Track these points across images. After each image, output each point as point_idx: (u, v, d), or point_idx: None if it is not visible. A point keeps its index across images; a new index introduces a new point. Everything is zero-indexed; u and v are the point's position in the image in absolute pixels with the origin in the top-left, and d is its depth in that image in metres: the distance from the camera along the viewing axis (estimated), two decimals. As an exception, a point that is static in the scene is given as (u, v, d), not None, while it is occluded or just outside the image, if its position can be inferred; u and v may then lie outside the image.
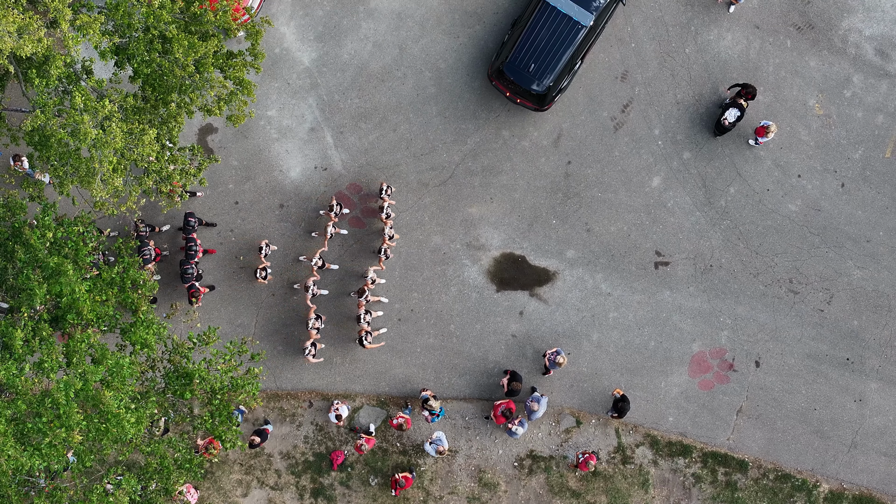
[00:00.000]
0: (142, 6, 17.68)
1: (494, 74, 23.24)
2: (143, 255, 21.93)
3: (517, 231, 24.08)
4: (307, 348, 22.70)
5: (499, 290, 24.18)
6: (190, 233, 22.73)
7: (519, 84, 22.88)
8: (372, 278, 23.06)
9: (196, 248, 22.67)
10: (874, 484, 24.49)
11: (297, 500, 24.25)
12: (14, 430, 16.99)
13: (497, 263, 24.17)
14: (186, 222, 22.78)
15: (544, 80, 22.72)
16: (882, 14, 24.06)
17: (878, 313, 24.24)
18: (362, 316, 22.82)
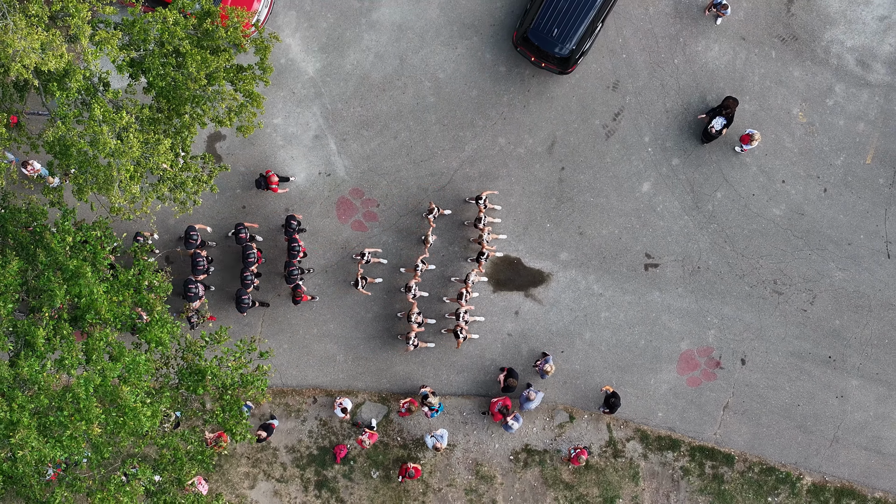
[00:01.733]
0: (157, 23, 18.68)
1: (520, 41, 24.16)
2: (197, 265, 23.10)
3: (513, 234, 25.09)
4: (410, 339, 23.82)
5: (495, 291, 25.19)
6: (292, 234, 23.59)
7: (543, 49, 23.83)
8: (473, 281, 24.09)
9: (299, 248, 23.60)
10: (855, 477, 25.51)
11: (302, 492, 25.28)
12: (37, 423, 18.00)
13: (493, 265, 25.18)
14: (289, 224, 23.68)
15: (567, 44, 23.66)
16: (863, 26, 25.06)
17: (859, 313, 25.25)
18: (461, 315, 23.91)
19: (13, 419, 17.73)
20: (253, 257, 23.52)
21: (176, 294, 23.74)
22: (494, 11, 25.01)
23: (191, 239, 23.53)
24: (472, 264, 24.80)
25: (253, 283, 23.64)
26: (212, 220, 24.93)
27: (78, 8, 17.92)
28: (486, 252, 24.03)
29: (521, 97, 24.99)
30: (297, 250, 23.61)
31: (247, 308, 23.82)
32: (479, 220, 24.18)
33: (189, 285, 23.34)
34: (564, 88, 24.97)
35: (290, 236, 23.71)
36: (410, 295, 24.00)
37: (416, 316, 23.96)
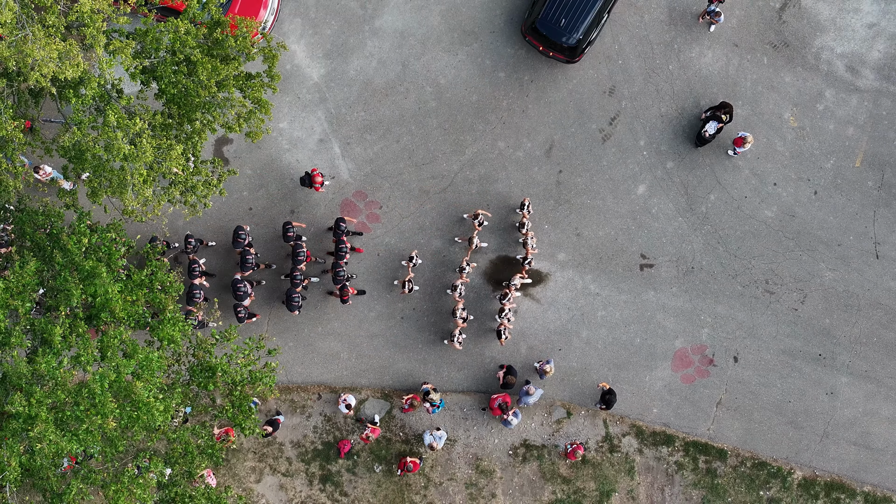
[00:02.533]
0: (169, 32, 19.39)
1: (528, 31, 24.86)
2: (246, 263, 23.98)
3: (512, 236, 25.78)
4: (455, 335, 24.59)
5: (495, 291, 25.90)
6: (341, 235, 24.30)
7: (551, 38, 24.52)
8: (516, 284, 24.84)
9: (346, 249, 24.33)
10: (844, 471, 26.23)
11: (307, 485, 26.00)
12: (54, 418, 18.70)
13: (493, 266, 25.89)
14: (338, 226, 24.39)
15: (574, 34, 24.35)
16: (852, 33, 25.76)
17: (849, 312, 25.96)
18: (507, 315, 24.68)
19: (31, 413, 18.41)
20: (302, 256, 24.20)
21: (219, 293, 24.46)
22: (494, 19, 25.72)
23: (239, 238, 24.18)
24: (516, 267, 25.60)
25: (302, 282, 24.32)
26: (219, 221, 25.64)
27: (93, 18, 18.60)
28: (529, 257, 24.74)
29: (520, 102, 25.70)
30: (345, 251, 24.28)
31: (297, 307, 24.42)
32: (522, 226, 24.89)
33: (237, 284, 24.03)
34: (562, 93, 25.68)
35: (338, 238, 24.38)
36: (457, 294, 24.74)
37: (461, 311, 24.66)
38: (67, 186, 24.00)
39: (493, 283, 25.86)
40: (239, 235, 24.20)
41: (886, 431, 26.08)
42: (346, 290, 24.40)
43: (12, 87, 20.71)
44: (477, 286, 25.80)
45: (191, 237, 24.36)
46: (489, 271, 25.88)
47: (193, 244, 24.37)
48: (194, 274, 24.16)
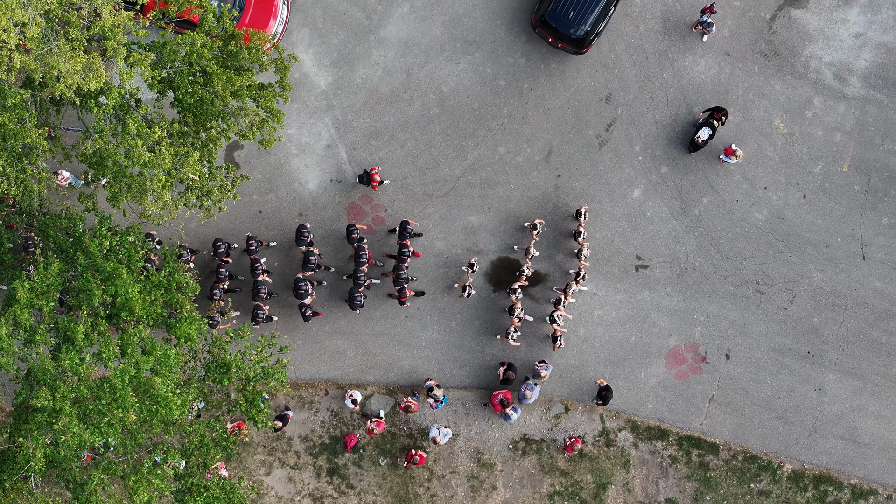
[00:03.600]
0: (186, 45, 20.38)
1: (538, 23, 25.90)
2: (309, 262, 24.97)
3: (512, 238, 26.79)
4: (511, 333, 25.66)
5: (495, 291, 26.90)
6: (405, 239, 25.30)
7: (560, 30, 25.57)
8: (573, 290, 25.86)
9: (408, 253, 25.32)
10: (832, 465, 27.21)
11: (315, 478, 27.00)
12: (77, 411, 19.71)
13: (494, 266, 26.89)
14: (404, 228, 25.37)
15: (582, 26, 25.39)
16: (840, 43, 26.74)
17: (836, 311, 26.94)
18: (559, 321, 25.74)
19: (56, 407, 19.42)
20: (364, 257, 25.17)
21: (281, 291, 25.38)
22: (495, 29, 26.70)
23: (302, 236, 25.17)
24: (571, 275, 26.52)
25: (365, 282, 25.35)
26: (229, 224, 26.64)
27: (114, 31, 19.60)
28: (582, 271, 25.79)
29: (520, 109, 26.70)
30: (408, 255, 25.28)
31: (360, 306, 25.44)
32: (578, 235, 25.91)
33: (299, 283, 25.02)
34: (560, 101, 26.67)
35: (402, 241, 25.36)
36: (514, 296, 25.74)
37: (519, 311, 25.64)
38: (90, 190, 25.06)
39: (494, 283, 26.84)
40: (302, 234, 25.13)
41: (872, 426, 27.06)
42: (404, 291, 25.36)
43: (35, 97, 21.71)
44: (479, 286, 26.77)
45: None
46: (490, 272, 26.87)
47: (255, 245, 25.41)
48: (257, 272, 25.18)
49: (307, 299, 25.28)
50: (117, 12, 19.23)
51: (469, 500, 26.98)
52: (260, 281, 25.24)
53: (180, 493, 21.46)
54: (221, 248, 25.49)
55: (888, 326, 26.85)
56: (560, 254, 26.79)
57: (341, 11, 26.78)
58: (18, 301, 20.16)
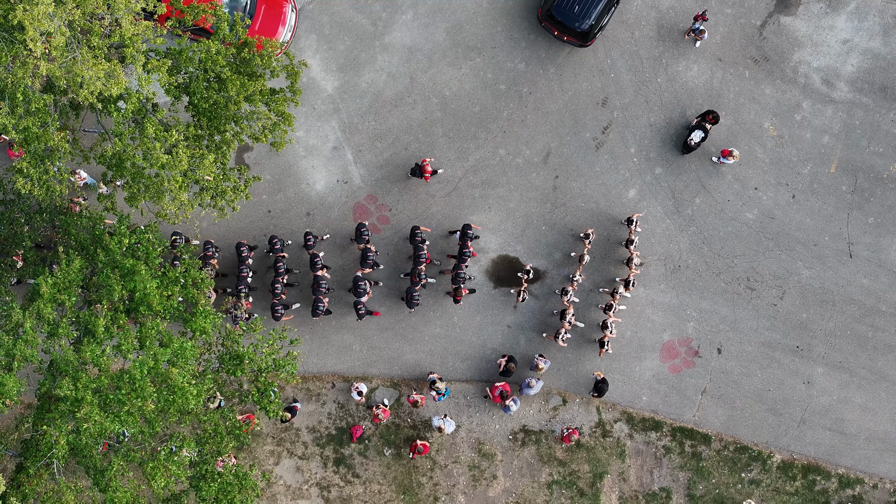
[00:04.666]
0: (201, 52, 21.41)
1: (544, 17, 26.97)
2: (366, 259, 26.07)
3: (512, 236, 27.82)
4: (560, 334, 26.65)
5: (496, 287, 27.93)
6: (466, 240, 26.30)
7: (565, 24, 26.65)
8: (621, 293, 26.90)
9: (469, 253, 26.32)
10: (820, 455, 28.23)
11: (322, 468, 28.04)
12: (98, 401, 20.73)
13: (494, 264, 27.92)
14: (465, 231, 26.37)
15: (587, 20, 26.45)
16: (828, 48, 27.76)
17: (824, 307, 27.96)
18: (611, 327, 26.81)
19: (78, 396, 20.45)
20: (423, 257, 26.12)
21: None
22: (495, 35, 27.74)
23: (363, 234, 26.16)
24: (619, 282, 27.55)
25: (422, 281, 26.36)
26: (240, 223, 27.66)
27: (133, 39, 20.62)
28: (632, 279, 26.75)
29: (520, 112, 27.73)
30: (468, 255, 26.27)
31: (417, 304, 26.50)
32: (629, 243, 26.90)
33: (358, 281, 26.04)
34: (558, 104, 27.70)
35: (463, 242, 26.37)
36: (566, 299, 26.81)
37: (571, 317, 26.67)
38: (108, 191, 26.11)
39: (495, 280, 27.88)
40: (361, 233, 26.12)
41: (859, 418, 28.08)
42: (460, 290, 26.39)
43: (56, 102, 22.73)
44: (479, 283, 27.79)
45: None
46: (490, 269, 27.90)
47: (312, 240, 26.41)
48: (317, 266, 26.19)
49: (364, 298, 26.26)
50: (137, 22, 20.23)
51: (470, 489, 28.02)
52: (320, 276, 26.25)
53: (195, 479, 22.47)
54: (277, 245, 26.42)
55: (874, 322, 27.86)
56: (558, 252, 27.80)
57: (347, 18, 27.81)
58: (42, 296, 21.19)
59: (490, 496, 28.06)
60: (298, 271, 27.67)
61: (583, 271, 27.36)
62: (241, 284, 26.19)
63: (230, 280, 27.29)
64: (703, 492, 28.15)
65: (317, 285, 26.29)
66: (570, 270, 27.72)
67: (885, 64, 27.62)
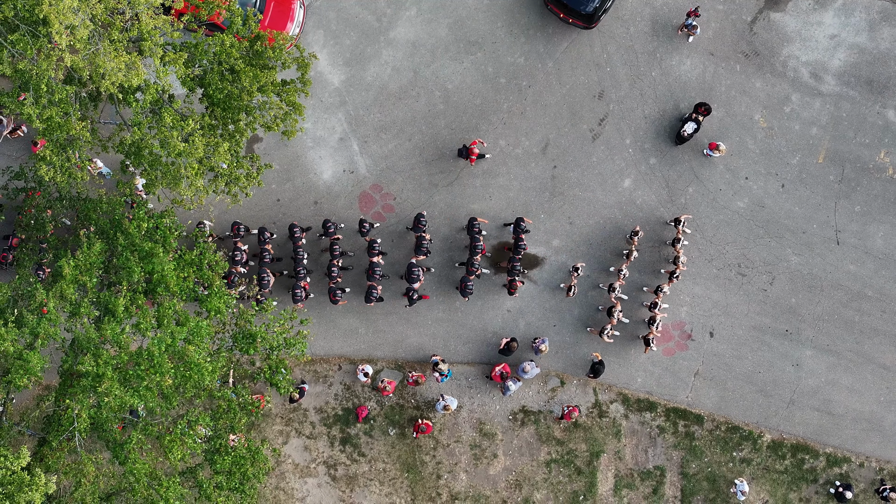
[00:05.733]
0: (216, 45, 22.49)
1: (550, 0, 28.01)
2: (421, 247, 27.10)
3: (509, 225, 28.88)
4: (606, 330, 27.76)
5: (496, 273, 29.01)
6: (520, 234, 27.36)
7: (571, 6, 27.68)
8: (665, 291, 27.98)
9: (524, 247, 27.38)
10: (809, 434, 29.31)
11: (329, 447, 29.13)
12: (118, 376, 21.84)
13: (495, 251, 29.00)
14: (518, 224, 27.42)
15: (592, 2, 27.46)
16: (816, 44, 28.84)
17: (812, 292, 29.04)
18: (657, 322, 27.85)
19: (99, 372, 21.57)
20: (479, 248, 27.12)
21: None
22: (496, 31, 28.83)
23: (420, 224, 27.21)
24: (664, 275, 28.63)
25: (476, 271, 27.41)
26: (250, 211, 28.74)
27: (151, 33, 21.72)
28: (678, 273, 27.82)
29: (519, 105, 28.82)
30: (523, 248, 27.36)
31: (471, 293, 27.51)
32: (676, 241, 27.96)
33: (412, 268, 27.11)
34: (556, 97, 28.79)
35: (517, 235, 27.40)
36: (613, 295, 27.93)
37: (619, 313, 27.77)
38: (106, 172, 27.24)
39: (496, 267, 28.95)
40: (420, 222, 27.15)
41: (846, 399, 29.16)
42: (515, 283, 27.49)
43: (76, 93, 23.81)
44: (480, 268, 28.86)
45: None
46: (491, 255, 28.98)
47: (367, 227, 27.42)
48: (374, 252, 27.26)
49: (416, 284, 27.31)
50: (156, 16, 21.33)
51: (472, 467, 29.12)
52: (375, 262, 27.25)
53: (210, 453, 23.57)
54: (332, 228, 27.40)
55: (860, 306, 28.95)
56: (556, 239, 28.89)
57: (353, 14, 28.90)
58: (64, 277, 22.32)
59: (491, 474, 29.17)
60: (353, 254, 28.58)
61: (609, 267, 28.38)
62: (300, 266, 27.17)
63: (286, 263, 28.34)
64: (696, 470, 29.23)
65: (371, 272, 27.30)
66: (564, 255, 28.77)
67: (871, 58, 28.70)
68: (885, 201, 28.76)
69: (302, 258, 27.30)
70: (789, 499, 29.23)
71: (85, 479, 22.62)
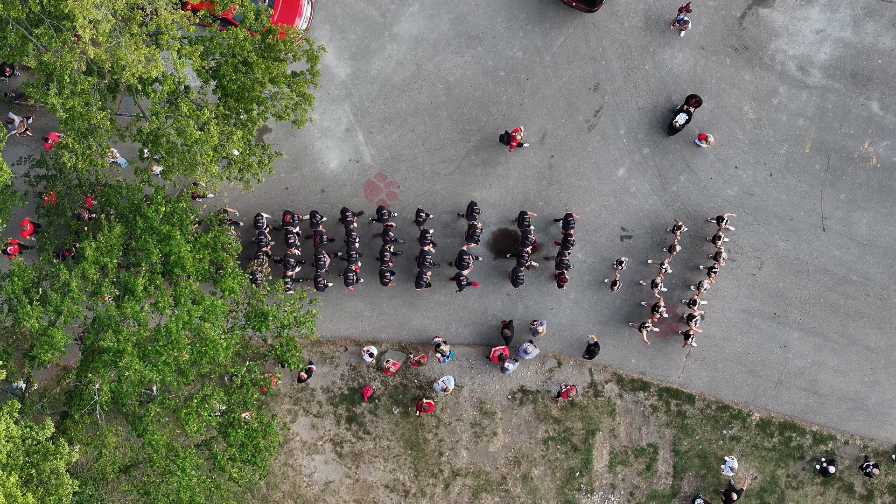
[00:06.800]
0: (230, 39, 23.71)
1: None
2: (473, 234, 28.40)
3: (511, 211, 30.12)
4: (648, 325, 29.00)
5: (496, 258, 30.24)
6: (569, 228, 28.50)
7: None
8: (706, 288, 29.19)
9: (573, 241, 28.63)
10: (795, 413, 30.54)
11: (335, 425, 30.37)
12: (138, 352, 23.08)
13: (494, 237, 30.24)
14: (567, 219, 28.61)
15: None
16: (802, 38, 30.05)
17: (799, 277, 30.26)
18: (696, 319, 29.06)
19: (120, 348, 22.78)
20: (530, 241, 28.43)
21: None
22: (496, 26, 30.05)
23: (473, 212, 28.47)
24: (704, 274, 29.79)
25: (526, 263, 28.71)
26: (259, 199, 29.95)
27: (169, 27, 22.93)
28: (717, 268, 28.99)
29: (518, 97, 30.05)
30: (572, 242, 28.60)
31: (521, 283, 28.80)
32: (717, 238, 29.16)
33: (464, 255, 28.38)
34: (553, 90, 30.02)
35: (566, 230, 28.61)
36: (657, 291, 29.14)
37: (662, 309, 28.94)
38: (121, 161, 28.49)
39: (495, 252, 30.17)
40: (473, 209, 28.40)
41: (831, 379, 30.39)
42: (564, 275, 28.70)
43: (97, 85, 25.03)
44: (481, 253, 30.09)
45: (421, 211, 28.62)
46: (491, 241, 30.22)
47: (423, 216, 28.69)
48: (426, 241, 28.54)
49: (466, 270, 28.60)
50: (174, 11, 22.55)
51: (472, 445, 30.37)
52: (426, 250, 28.51)
53: (223, 426, 24.81)
54: (385, 214, 28.63)
55: (845, 290, 30.17)
56: (554, 226, 30.11)
57: (359, 10, 30.12)
58: (86, 259, 23.55)
59: (491, 451, 30.42)
60: (404, 241, 29.78)
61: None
62: (352, 250, 28.43)
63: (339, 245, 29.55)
64: (688, 447, 30.46)
65: (422, 259, 28.56)
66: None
67: (856, 52, 29.91)
68: (869, 189, 29.98)
69: (354, 241, 28.51)
70: (777, 475, 30.47)
71: (105, 449, 23.87)
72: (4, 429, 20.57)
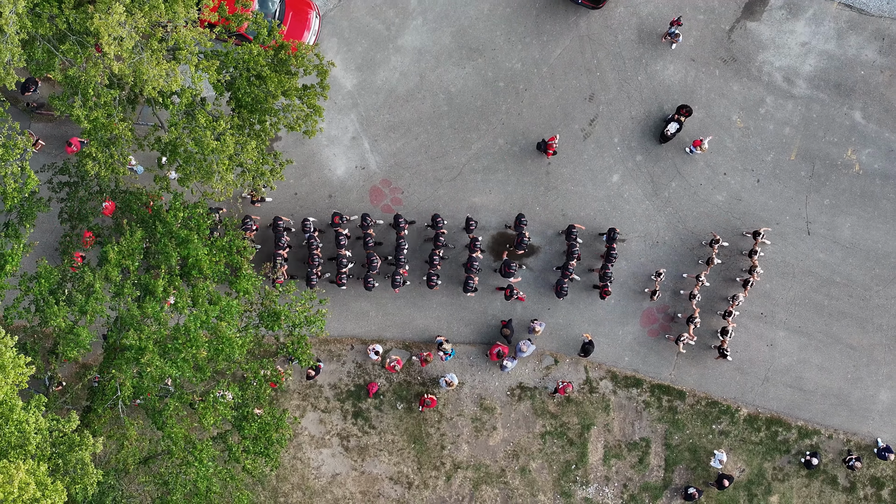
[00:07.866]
0: (244, 54, 25.10)
1: None
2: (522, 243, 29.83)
3: (509, 216, 31.49)
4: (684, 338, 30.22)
5: (496, 260, 31.63)
6: (613, 242, 29.91)
7: None
8: (739, 301, 30.39)
9: (616, 255, 29.99)
10: (782, 409, 31.93)
11: (342, 420, 31.77)
12: (158, 350, 24.47)
13: (494, 240, 31.63)
14: (611, 234, 30.03)
15: None
16: (788, 50, 31.45)
17: (785, 278, 31.65)
18: (729, 330, 30.31)
19: (141, 346, 24.17)
20: (576, 254, 29.85)
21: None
22: (495, 38, 31.46)
23: (521, 223, 29.93)
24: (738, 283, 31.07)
25: (570, 275, 30.09)
26: (269, 205, 31.33)
27: (187, 43, 24.31)
28: (752, 281, 30.22)
29: (517, 107, 31.45)
30: (615, 256, 29.97)
31: (566, 294, 30.14)
32: (753, 253, 30.44)
33: (510, 264, 29.85)
34: (550, 100, 31.42)
35: (609, 244, 29.94)
36: (694, 302, 30.43)
37: (698, 320, 30.19)
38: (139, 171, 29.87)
39: (494, 255, 31.56)
40: (521, 221, 29.85)
41: (816, 376, 31.78)
42: (607, 287, 30.09)
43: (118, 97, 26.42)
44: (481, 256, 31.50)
45: (471, 219, 29.95)
46: (491, 245, 31.62)
47: (474, 224, 30.03)
48: (475, 248, 29.88)
49: (511, 279, 30.04)
50: (193, 28, 23.94)
51: (473, 439, 31.78)
52: (475, 257, 29.87)
53: (238, 420, 26.20)
54: (441, 223, 29.86)
55: (829, 291, 31.57)
56: (550, 230, 31.52)
57: (364, 24, 31.53)
58: (109, 261, 24.94)
59: (490, 445, 31.82)
60: (454, 246, 31.17)
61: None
62: (401, 254, 29.87)
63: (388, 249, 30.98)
64: (679, 441, 31.86)
65: (470, 265, 29.96)
66: (558, 245, 31.32)
67: (839, 64, 31.32)
68: (852, 195, 31.38)
69: (403, 247, 29.91)
70: (764, 468, 31.86)
71: (127, 441, 25.25)
72: (34, 421, 21.93)
